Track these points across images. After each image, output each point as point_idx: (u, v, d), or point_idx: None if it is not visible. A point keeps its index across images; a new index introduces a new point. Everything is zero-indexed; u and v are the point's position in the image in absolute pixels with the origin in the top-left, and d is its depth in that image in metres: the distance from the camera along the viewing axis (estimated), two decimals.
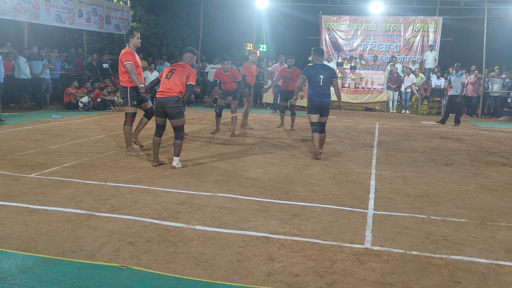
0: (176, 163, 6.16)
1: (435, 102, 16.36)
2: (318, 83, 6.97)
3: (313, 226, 4.09)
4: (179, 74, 6.04)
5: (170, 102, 5.93)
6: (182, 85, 6.02)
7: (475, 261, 3.44)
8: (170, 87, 5.97)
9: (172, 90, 5.96)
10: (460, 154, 8.05)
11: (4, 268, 3.04)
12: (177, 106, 5.97)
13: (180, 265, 3.20)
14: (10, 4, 12.08)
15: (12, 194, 4.68)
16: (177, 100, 5.97)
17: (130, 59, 6.60)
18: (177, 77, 6.02)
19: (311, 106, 7.11)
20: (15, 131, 8.85)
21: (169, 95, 5.95)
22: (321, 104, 7.03)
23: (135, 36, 6.78)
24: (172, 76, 6.03)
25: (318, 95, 7.00)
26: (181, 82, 6.01)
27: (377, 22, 18.65)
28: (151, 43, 19.67)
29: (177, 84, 5.98)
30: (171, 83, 5.99)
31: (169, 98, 5.94)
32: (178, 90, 5.98)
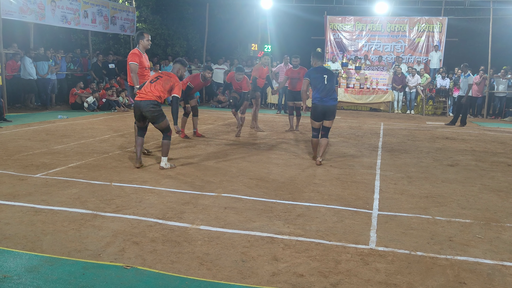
0: (164, 164, 6.10)
1: (440, 102, 16.30)
2: (323, 83, 6.72)
3: (318, 226, 4.08)
4: (163, 82, 6.03)
5: (147, 106, 5.91)
6: (162, 92, 5.98)
7: (480, 262, 3.43)
8: (149, 91, 5.97)
9: (151, 93, 5.94)
10: (465, 155, 8.02)
11: (10, 268, 3.06)
12: (155, 110, 5.93)
13: (185, 265, 3.21)
14: (16, 5, 12.15)
15: (17, 194, 4.71)
16: (155, 104, 5.93)
17: (135, 59, 6.64)
18: (160, 84, 6.01)
19: (314, 112, 6.80)
20: (21, 131, 8.90)
21: (147, 98, 5.93)
22: (325, 109, 6.69)
23: (145, 38, 6.80)
24: (156, 82, 6.05)
25: (322, 98, 6.68)
26: (162, 89, 5.98)
27: (382, 22, 18.60)
28: (156, 43, 19.70)
29: (157, 89, 5.97)
30: (152, 87, 5.99)
31: (146, 101, 5.92)
32: (156, 95, 5.95)
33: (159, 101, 5.99)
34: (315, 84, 6.77)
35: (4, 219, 3.97)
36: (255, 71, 10.01)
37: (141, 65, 6.71)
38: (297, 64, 10.13)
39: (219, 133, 9.70)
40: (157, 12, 20.15)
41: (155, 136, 8.84)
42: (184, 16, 20.65)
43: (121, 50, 18.48)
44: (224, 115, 12.93)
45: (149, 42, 6.89)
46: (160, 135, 8.94)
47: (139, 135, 6.24)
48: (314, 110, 6.78)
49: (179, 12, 20.63)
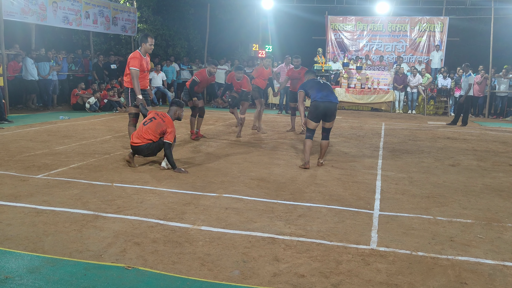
0: (166, 164, 6.13)
1: (441, 102, 16.29)
2: (321, 84, 6.54)
3: (319, 226, 4.09)
4: (155, 126, 6.07)
5: (143, 150, 6.09)
6: (153, 136, 6.04)
7: (481, 262, 3.43)
8: (142, 135, 6.05)
9: (143, 138, 6.03)
10: (466, 155, 8.01)
11: (11, 269, 3.07)
12: (150, 151, 6.13)
13: (186, 265, 3.21)
14: (17, 6, 12.17)
15: (19, 195, 4.72)
16: (148, 147, 6.07)
17: (135, 64, 6.58)
18: (153, 127, 6.06)
19: (314, 111, 6.37)
20: (23, 132, 8.91)
21: (140, 144, 6.05)
22: (327, 107, 6.31)
23: (148, 42, 6.73)
24: (149, 125, 6.11)
25: (324, 96, 6.34)
26: (154, 133, 6.04)
27: (383, 22, 18.61)
28: (158, 44, 19.70)
29: (149, 133, 6.04)
30: (144, 130, 6.07)
31: (140, 146, 6.06)
32: (148, 138, 6.03)
33: (151, 142, 6.07)
34: (313, 88, 6.50)
35: (5, 220, 3.98)
36: (255, 71, 10.10)
37: (140, 68, 6.69)
38: (298, 65, 10.07)
39: (220, 133, 9.71)
40: (158, 13, 20.17)
41: None
42: (185, 16, 20.66)
43: (122, 51, 18.51)
44: (225, 115, 12.95)
45: (152, 47, 6.82)
46: None
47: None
48: (315, 109, 6.35)
49: (180, 12, 20.64)
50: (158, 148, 6.13)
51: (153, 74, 16.11)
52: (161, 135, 6.09)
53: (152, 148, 6.09)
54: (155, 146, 6.10)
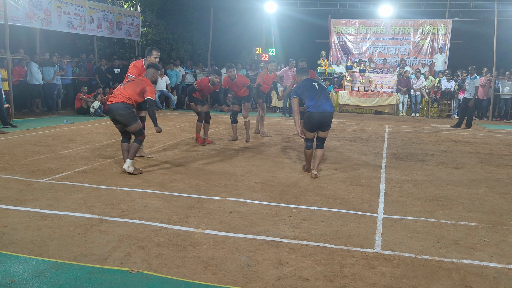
0: (127, 166, 5.95)
1: (445, 105, 16.27)
2: (314, 90, 6.03)
3: (323, 230, 4.08)
4: (134, 85, 6.02)
5: (118, 109, 5.89)
6: (132, 95, 5.95)
7: (486, 265, 3.42)
8: (119, 93, 5.97)
9: (120, 95, 5.93)
10: (470, 157, 7.99)
11: (16, 273, 3.08)
12: (125, 112, 5.89)
13: (190, 269, 3.22)
14: (22, 11, 12.26)
15: (24, 199, 4.74)
16: (125, 107, 5.90)
17: (134, 73, 6.63)
18: (131, 87, 6.00)
19: (309, 122, 5.98)
20: (27, 136, 8.96)
21: (116, 101, 5.92)
22: (322, 116, 5.93)
23: (153, 55, 6.78)
24: (127, 85, 6.05)
25: (318, 105, 5.93)
26: (133, 92, 5.96)
27: (386, 25, 18.62)
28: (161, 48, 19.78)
29: (127, 92, 5.95)
30: (122, 90, 6.00)
31: (116, 104, 5.91)
32: (126, 96, 5.93)
33: (130, 103, 5.94)
34: (306, 94, 6.02)
35: (11, 224, 4.00)
36: (260, 77, 9.91)
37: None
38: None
39: (224, 137, 9.73)
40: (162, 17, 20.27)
41: (160, 139, 8.88)
42: (189, 20, 20.76)
43: (126, 55, 18.60)
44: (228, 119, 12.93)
45: (157, 59, 6.86)
46: (164, 139, 8.98)
47: (122, 141, 6.18)
48: (309, 120, 5.97)
49: (184, 16, 20.74)
50: (133, 119, 5.92)
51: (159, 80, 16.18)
52: (140, 94, 5.97)
53: (127, 113, 5.86)
54: (130, 114, 5.88)
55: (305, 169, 6.50)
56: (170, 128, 10.75)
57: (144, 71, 6.72)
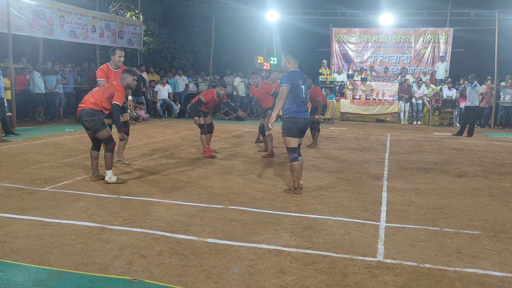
0: (109, 178, 5.90)
1: (446, 113, 16.27)
2: (301, 94, 5.56)
3: (325, 238, 4.07)
4: (102, 90, 5.95)
5: (84, 115, 5.83)
6: (100, 100, 5.86)
7: (489, 274, 3.40)
8: (87, 99, 5.91)
9: (87, 101, 5.87)
10: (472, 166, 7.97)
11: (17, 282, 3.07)
12: (92, 119, 5.82)
13: (192, 278, 3.20)
14: (25, 20, 12.34)
15: (26, 208, 4.74)
16: (91, 113, 5.82)
17: (101, 76, 6.65)
18: (99, 92, 5.93)
19: (294, 127, 5.53)
20: (29, 144, 8.98)
21: (83, 107, 5.86)
22: (306, 123, 5.64)
23: (116, 54, 6.75)
24: (96, 90, 6.00)
25: (302, 111, 5.59)
26: (100, 96, 5.87)
27: (388, 34, 18.69)
28: (163, 57, 19.91)
29: (95, 97, 5.88)
30: (90, 95, 5.95)
31: (83, 110, 5.85)
32: (92, 102, 5.85)
33: (97, 109, 5.86)
34: (294, 94, 5.53)
35: (12, 232, 4.00)
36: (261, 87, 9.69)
37: (109, 81, 6.70)
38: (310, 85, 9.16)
39: (226, 145, 9.73)
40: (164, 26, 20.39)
41: (162, 148, 8.88)
42: (191, 29, 20.88)
43: (128, 64, 18.64)
44: (230, 127, 12.97)
45: (121, 58, 6.78)
46: (166, 147, 8.98)
47: (92, 148, 6.15)
48: (295, 125, 5.55)
49: (186, 25, 20.86)
50: (101, 125, 5.83)
51: (159, 87, 16.22)
52: (109, 100, 5.87)
53: (93, 119, 5.78)
54: (97, 120, 5.81)
55: (291, 190, 5.68)
56: (171, 137, 10.77)
57: (109, 73, 6.72)
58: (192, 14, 20.70)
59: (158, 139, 10.38)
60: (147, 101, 15.94)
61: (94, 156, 6.12)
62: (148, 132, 11.63)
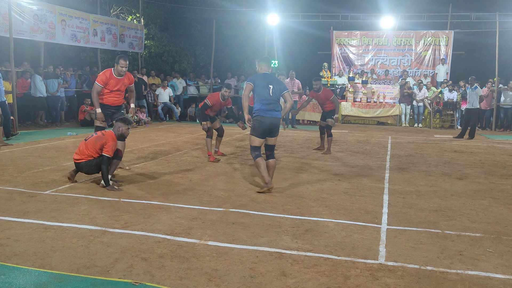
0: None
1: (447, 115, 16.26)
2: (268, 94, 5.73)
3: (326, 241, 4.07)
4: (95, 139, 5.93)
5: (84, 167, 5.90)
6: (93, 151, 5.87)
7: (491, 277, 3.39)
8: (82, 151, 5.90)
9: (84, 154, 5.88)
10: (474, 168, 7.96)
11: (19, 285, 3.07)
12: (89, 168, 5.90)
13: (193, 281, 3.20)
14: (27, 24, 12.38)
15: (27, 211, 4.74)
16: (87, 164, 5.87)
17: (99, 80, 6.68)
18: (92, 142, 5.91)
19: (259, 127, 5.73)
20: (31, 148, 8.99)
21: (81, 161, 5.89)
22: (272, 122, 5.75)
23: (119, 64, 6.74)
24: (89, 139, 5.98)
25: (269, 110, 5.74)
26: (92, 148, 5.87)
27: (388, 36, 18.71)
28: (164, 60, 19.94)
29: (89, 148, 5.88)
30: (84, 146, 5.92)
31: (80, 163, 5.89)
32: (88, 154, 5.87)
33: (91, 159, 5.88)
34: (259, 93, 5.75)
35: (14, 236, 4.00)
36: None
37: (107, 87, 6.69)
38: (318, 88, 9.28)
39: (227, 148, 9.73)
40: (165, 30, 20.42)
41: (163, 151, 8.88)
42: (192, 33, 20.91)
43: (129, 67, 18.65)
44: (231, 130, 12.97)
45: (123, 68, 6.78)
46: (168, 151, 8.98)
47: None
48: (259, 125, 5.74)
49: (187, 29, 20.90)
50: (98, 165, 5.88)
51: (160, 90, 16.25)
52: (101, 150, 5.88)
53: (92, 165, 5.88)
54: (96, 163, 5.88)
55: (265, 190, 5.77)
56: (173, 140, 10.77)
57: (110, 79, 6.67)
58: (193, 17, 20.74)
59: (160, 142, 10.38)
60: (148, 104, 15.96)
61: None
62: (149, 135, 11.64)
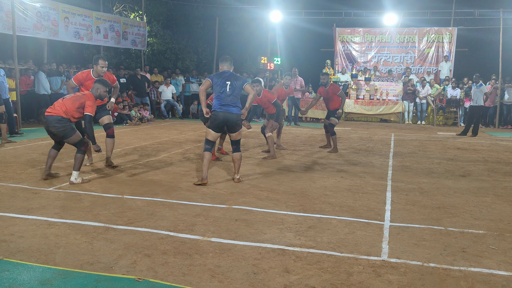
0: (74, 178, 5.86)
1: (451, 112, 16.22)
2: (225, 91, 5.89)
3: (329, 238, 4.07)
4: (73, 99, 5.88)
5: (52, 121, 5.76)
6: (70, 109, 5.80)
7: (494, 273, 3.39)
8: (57, 106, 5.84)
9: (57, 108, 5.81)
10: (477, 165, 7.94)
11: (23, 281, 3.09)
12: (60, 125, 5.76)
13: (196, 277, 3.21)
14: (30, 22, 12.40)
15: (31, 208, 4.76)
16: (60, 120, 5.76)
17: (75, 77, 6.77)
18: (70, 101, 5.86)
19: (214, 120, 5.92)
20: (35, 145, 9.01)
21: (52, 113, 5.79)
22: (226, 117, 5.88)
23: (99, 65, 6.71)
24: (67, 98, 5.93)
25: (223, 105, 5.89)
26: (71, 106, 5.81)
27: (391, 33, 18.67)
28: (167, 57, 19.95)
29: (65, 105, 5.81)
30: (60, 103, 5.87)
31: (51, 116, 5.78)
32: (63, 110, 5.79)
33: (66, 117, 5.80)
34: (216, 90, 5.94)
35: (18, 232, 4.02)
36: (274, 91, 9.35)
37: (85, 87, 6.68)
38: (326, 82, 9.25)
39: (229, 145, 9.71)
40: (168, 27, 20.44)
41: (166, 148, 8.89)
42: (194, 30, 20.92)
43: (132, 65, 18.72)
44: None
45: (103, 69, 6.73)
46: (170, 148, 9.00)
47: (53, 147, 6.10)
48: (214, 119, 5.91)
49: (189, 26, 20.90)
50: (70, 131, 5.79)
51: (163, 88, 16.26)
52: (79, 109, 5.81)
53: (62, 126, 5.74)
54: (71, 128, 5.78)
55: (198, 182, 5.93)
56: (175, 137, 10.79)
57: (87, 80, 6.70)
58: (195, 15, 20.74)
59: (163, 139, 10.40)
60: (151, 102, 15.98)
61: (52, 155, 6.08)
62: (152, 132, 11.66)
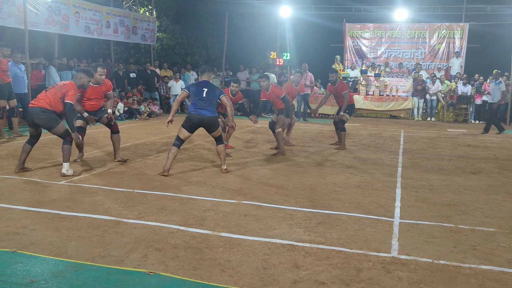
0: (66, 170, 5.93)
1: (461, 109, 16.09)
2: (201, 96, 6.25)
3: (339, 234, 4.07)
4: (56, 89, 5.92)
5: (36, 112, 5.79)
6: (53, 100, 5.84)
7: (505, 271, 3.37)
8: (40, 98, 5.87)
9: (41, 100, 5.84)
10: (488, 162, 7.89)
11: (37, 273, 3.13)
12: (45, 116, 5.80)
13: (207, 271, 3.23)
14: (41, 16, 12.47)
15: (43, 201, 4.82)
16: (43, 111, 5.79)
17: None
18: (53, 92, 5.90)
19: (188, 122, 6.30)
20: (45, 139, 9.09)
21: (36, 105, 5.82)
22: (200, 119, 6.22)
23: (98, 73, 6.68)
24: (50, 90, 5.96)
25: (197, 108, 6.24)
26: (53, 97, 5.85)
27: (402, 29, 18.51)
28: (176, 52, 19.97)
29: (48, 97, 5.85)
30: (43, 94, 5.91)
31: (35, 108, 5.80)
32: (47, 102, 5.83)
33: (49, 109, 5.83)
34: (193, 96, 6.30)
35: (30, 225, 4.07)
36: (284, 89, 9.04)
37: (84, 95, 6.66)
38: (335, 80, 9.19)
39: (239, 141, 9.75)
40: (177, 22, 20.45)
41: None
42: (204, 25, 20.91)
43: (141, 59, 18.78)
44: (242, 122, 12.98)
45: (101, 76, 6.74)
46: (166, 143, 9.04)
47: (27, 142, 6.11)
48: (188, 120, 6.29)
49: (199, 21, 20.90)
50: (54, 122, 5.85)
51: (172, 82, 16.30)
52: (62, 100, 5.85)
53: (46, 117, 5.79)
54: (55, 118, 5.84)
55: (161, 173, 6.20)
56: None
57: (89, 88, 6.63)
58: (205, 10, 20.72)
59: (172, 134, 10.44)
60: (160, 96, 16.03)
61: (26, 150, 6.10)
62: (161, 127, 11.71)
